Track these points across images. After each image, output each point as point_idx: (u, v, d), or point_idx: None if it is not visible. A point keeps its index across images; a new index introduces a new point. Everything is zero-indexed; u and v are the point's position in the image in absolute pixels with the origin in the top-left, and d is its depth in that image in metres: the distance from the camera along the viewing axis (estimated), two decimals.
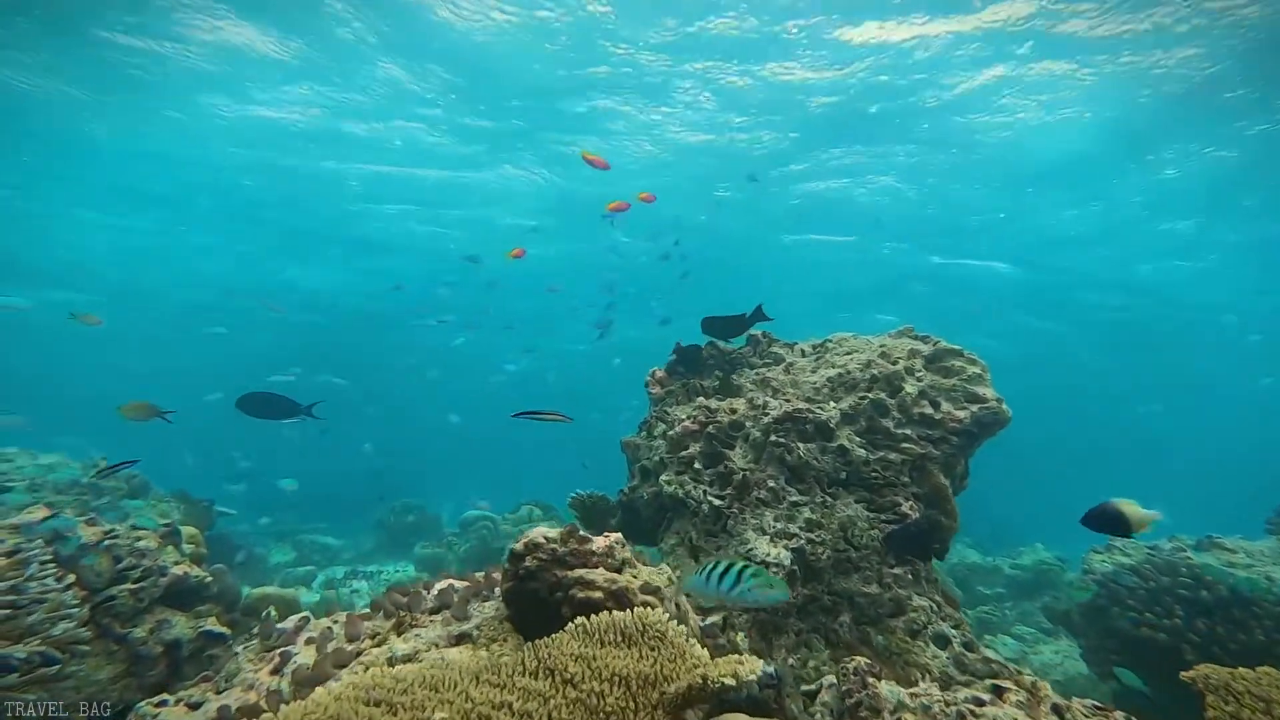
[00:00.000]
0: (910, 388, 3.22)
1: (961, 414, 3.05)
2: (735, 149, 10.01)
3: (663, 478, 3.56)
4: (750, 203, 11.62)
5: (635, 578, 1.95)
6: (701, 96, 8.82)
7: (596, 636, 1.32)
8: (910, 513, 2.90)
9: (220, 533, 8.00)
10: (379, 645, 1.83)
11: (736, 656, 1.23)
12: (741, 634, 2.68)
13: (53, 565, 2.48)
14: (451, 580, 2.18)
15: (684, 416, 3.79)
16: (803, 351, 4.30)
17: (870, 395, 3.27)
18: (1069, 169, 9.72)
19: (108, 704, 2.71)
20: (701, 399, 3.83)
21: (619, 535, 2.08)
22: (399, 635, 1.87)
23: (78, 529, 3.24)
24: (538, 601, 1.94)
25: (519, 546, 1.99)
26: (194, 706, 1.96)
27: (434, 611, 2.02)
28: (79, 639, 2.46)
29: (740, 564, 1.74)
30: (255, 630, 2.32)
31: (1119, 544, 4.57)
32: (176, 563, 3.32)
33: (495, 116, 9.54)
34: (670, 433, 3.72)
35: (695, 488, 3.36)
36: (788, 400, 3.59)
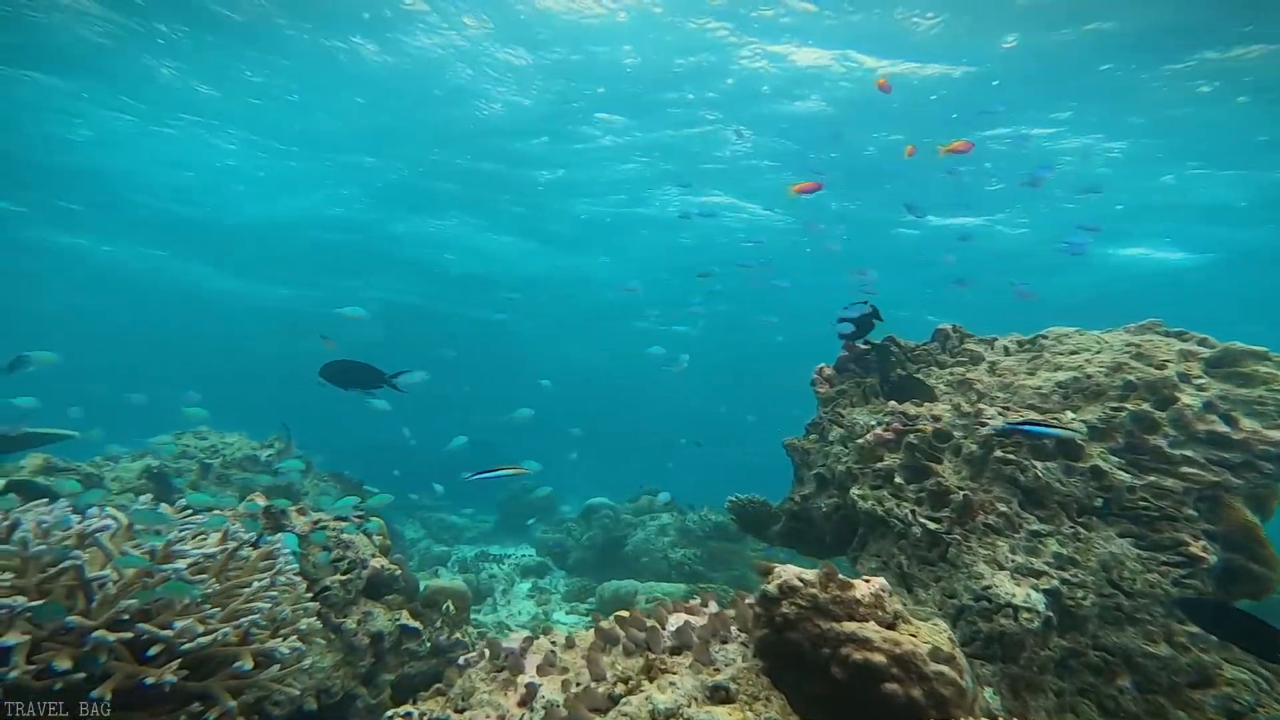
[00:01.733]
0: (1189, 399, 2.62)
1: (1277, 434, 2.42)
2: None
3: (854, 491, 3.22)
4: None
5: (915, 636, 1.66)
6: None
7: None
8: (1202, 554, 2.35)
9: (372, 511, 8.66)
10: (633, 691, 1.68)
11: None
12: (989, 690, 2.31)
13: (292, 558, 2.60)
14: (686, 616, 2.01)
15: (873, 423, 3.40)
16: (1006, 349, 3.73)
17: (1128, 406, 2.71)
18: None
19: (332, 690, 2.88)
20: (893, 402, 3.42)
21: (883, 582, 1.79)
22: (651, 681, 1.71)
23: (293, 518, 3.48)
24: (799, 655, 1.71)
25: (772, 589, 1.75)
26: None
27: (674, 651, 1.85)
28: (315, 630, 2.59)
29: None
30: (479, 644, 2.27)
31: None
32: (373, 555, 3.49)
33: None
34: (860, 441, 3.35)
35: (899, 506, 2.99)
36: (1007, 408, 3.10)
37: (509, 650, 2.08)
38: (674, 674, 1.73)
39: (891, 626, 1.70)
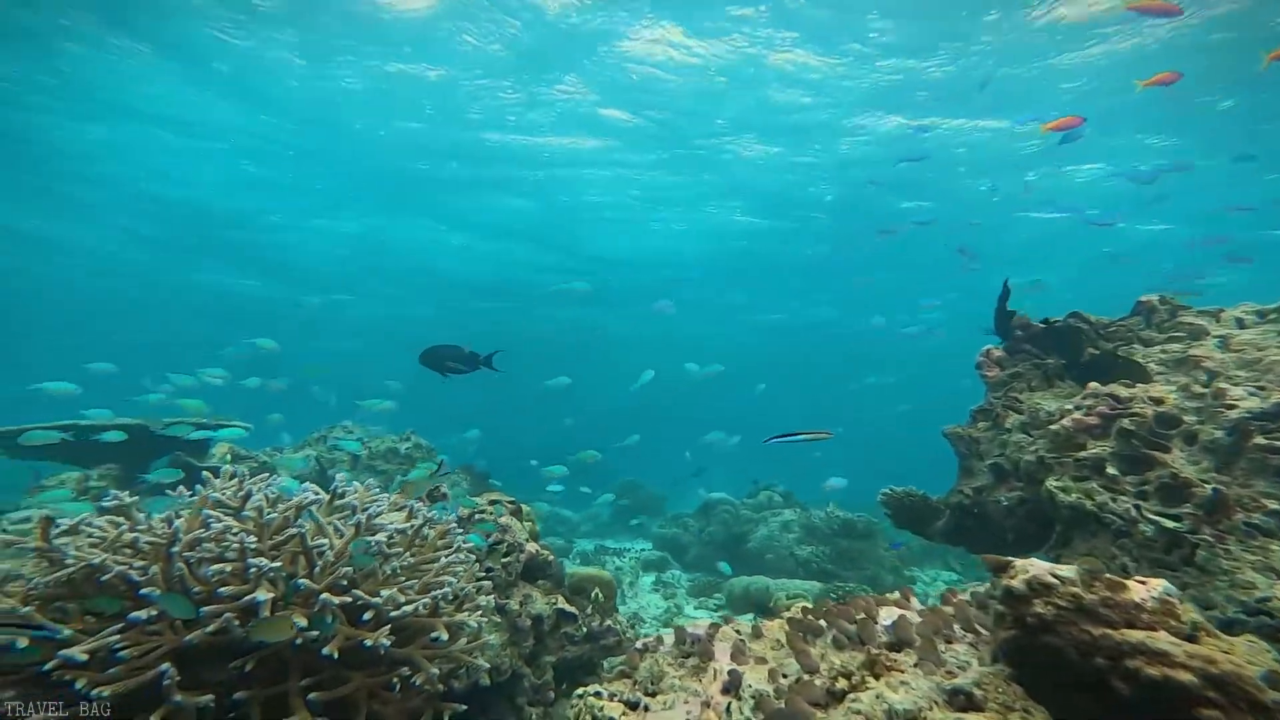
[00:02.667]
0: None
1: None
2: None
3: (1050, 483, 2.80)
4: None
5: (1230, 654, 1.34)
6: None
7: None
8: None
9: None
10: (858, 688, 1.52)
11: None
12: None
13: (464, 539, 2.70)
14: (902, 610, 1.81)
15: (1070, 406, 2.96)
16: (1239, 321, 3.10)
17: None
18: None
19: (503, 667, 2.97)
20: (1094, 384, 2.95)
21: (1166, 584, 1.48)
22: (878, 678, 1.53)
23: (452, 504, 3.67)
24: (1061, 663, 1.45)
25: (1019, 585, 1.51)
26: (630, 705, 1.88)
27: (892, 648, 1.66)
28: (490, 607, 2.67)
29: None
30: (664, 636, 2.19)
31: None
32: (527, 539, 3.59)
33: None
34: (1054, 427, 2.92)
35: (1115, 500, 2.55)
36: (1260, 387, 2.55)
37: (695, 636, 1.99)
38: (901, 672, 1.54)
39: (1191, 639, 1.39)
